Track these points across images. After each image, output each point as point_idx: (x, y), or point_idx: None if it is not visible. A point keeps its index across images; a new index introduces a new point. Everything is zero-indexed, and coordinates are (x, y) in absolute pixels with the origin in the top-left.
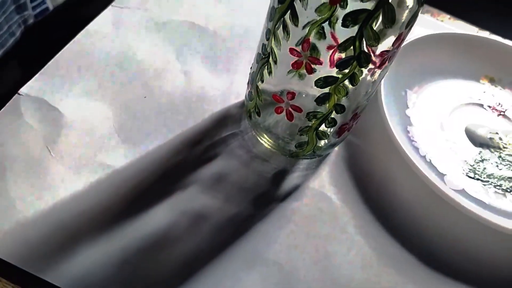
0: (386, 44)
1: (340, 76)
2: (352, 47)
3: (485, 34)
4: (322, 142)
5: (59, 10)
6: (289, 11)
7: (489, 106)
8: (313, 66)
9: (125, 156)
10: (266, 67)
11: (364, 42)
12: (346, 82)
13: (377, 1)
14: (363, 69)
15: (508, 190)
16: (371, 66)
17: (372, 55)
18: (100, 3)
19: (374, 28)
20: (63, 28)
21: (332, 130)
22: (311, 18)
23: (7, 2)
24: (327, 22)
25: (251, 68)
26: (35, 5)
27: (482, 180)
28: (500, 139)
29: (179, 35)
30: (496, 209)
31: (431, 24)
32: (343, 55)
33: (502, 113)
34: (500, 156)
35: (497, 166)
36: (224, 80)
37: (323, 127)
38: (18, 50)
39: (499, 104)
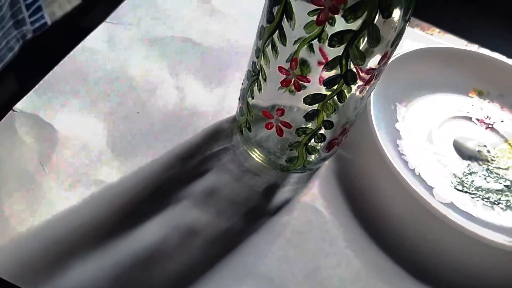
0: (372, 62)
1: (328, 93)
2: (338, 66)
3: (474, 47)
4: (312, 157)
5: (57, 24)
6: (277, 31)
7: (478, 119)
8: (301, 83)
9: (118, 172)
10: (256, 84)
11: (351, 61)
12: (334, 98)
13: (362, 22)
14: (350, 86)
15: (496, 203)
16: (358, 83)
17: (359, 73)
18: (98, 16)
19: (360, 48)
20: (62, 42)
21: (321, 145)
22: (298, 37)
23: (6, 18)
24: (316, 39)
25: (242, 84)
26: (33, 20)
27: (470, 193)
28: (488, 152)
29: (172, 51)
30: (484, 222)
31: (421, 37)
32: (331, 73)
33: (490, 126)
34: (488, 169)
35: (485, 179)
36: (216, 95)
37: (312, 142)
38: (17, 65)
39: (487, 117)
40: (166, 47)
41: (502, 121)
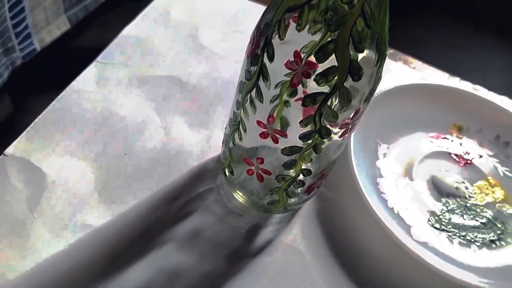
0: (346, 116)
1: (304, 146)
2: (313, 123)
3: (455, 80)
4: (293, 200)
5: (46, 50)
6: (254, 89)
7: (457, 155)
8: (278, 136)
9: (105, 216)
10: (237, 132)
11: (324, 119)
12: (311, 150)
13: (333, 85)
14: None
15: (472, 241)
16: (333, 136)
17: (333, 128)
18: (86, 40)
19: (332, 107)
20: (52, 68)
21: (301, 189)
22: (274, 96)
23: None
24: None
25: (225, 128)
26: (23, 47)
27: (447, 231)
28: (466, 188)
29: (160, 90)
30: (459, 263)
31: (403, 71)
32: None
33: (468, 162)
34: (466, 206)
35: (463, 216)
36: (202, 134)
37: (292, 187)
38: (8, 90)
39: (466, 153)
40: (154, 87)
41: (480, 157)
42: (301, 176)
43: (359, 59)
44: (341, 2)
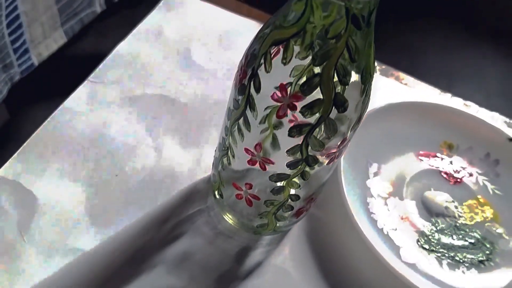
0: (332, 145)
1: (291, 173)
2: (299, 152)
3: (447, 96)
4: (282, 223)
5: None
6: (242, 118)
7: (446, 173)
8: (266, 165)
9: (95, 239)
10: (225, 157)
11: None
12: (299, 176)
13: (319, 116)
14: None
15: (461, 261)
16: (320, 163)
17: (320, 156)
18: (83, 55)
19: (318, 137)
20: (50, 82)
21: (290, 213)
22: (262, 125)
23: None
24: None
25: (215, 151)
26: (21, 62)
27: (436, 252)
28: (456, 207)
29: (151, 109)
30: (448, 285)
31: (395, 87)
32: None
33: (458, 180)
34: (455, 226)
35: (452, 236)
36: (193, 154)
37: (281, 212)
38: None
39: (456, 171)
40: (145, 106)
41: (470, 175)
42: (289, 201)
43: (344, 91)
44: (326, 37)
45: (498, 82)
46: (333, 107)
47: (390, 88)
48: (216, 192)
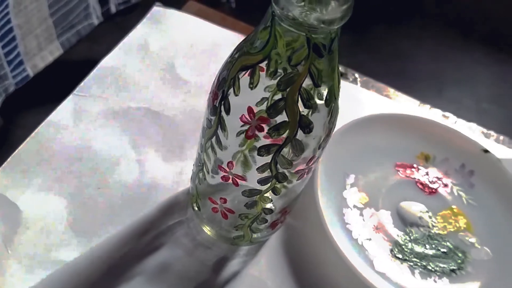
0: (301, 163)
1: (263, 189)
2: (269, 169)
3: (426, 108)
4: (258, 234)
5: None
6: (214, 137)
7: (422, 184)
8: (238, 181)
9: (77, 251)
10: (201, 173)
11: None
12: (270, 192)
13: (286, 137)
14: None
15: (433, 270)
16: (290, 180)
17: (289, 174)
18: (77, 61)
19: (287, 156)
20: (45, 93)
21: (264, 225)
22: (233, 145)
23: None
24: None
25: (193, 165)
26: (15, 74)
27: (409, 261)
28: (430, 217)
29: (135, 123)
30: None
31: (376, 99)
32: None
33: (433, 191)
34: (429, 235)
35: (425, 245)
36: (175, 166)
37: (255, 224)
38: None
39: (432, 182)
40: (130, 120)
41: (445, 186)
42: (263, 214)
43: (310, 114)
44: (289, 65)
45: (489, 86)
46: (299, 129)
47: (371, 100)
48: (194, 205)
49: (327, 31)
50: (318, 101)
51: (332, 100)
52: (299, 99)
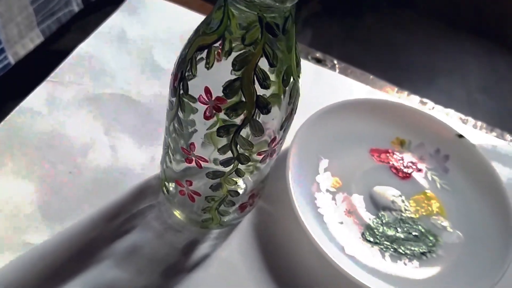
0: (263, 145)
1: (226, 171)
2: (230, 151)
3: (403, 94)
4: (226, 217)
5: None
6: (175, 118)
7: (396, 169)
8: (202, 163)
9: (47, 234)
10: (167, 156)
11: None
12: (234, 173)
13: (244, 118)
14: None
15: (403, 253)
16: (253, 162)
17: (252, 155)
18: (59, 52)
19: (246, 137)
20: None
21: (233, 208)
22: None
23: None
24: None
25: (163, 149)
26: None
27: (380, 244)
28: (403, 201)
29: (110, 109)
30: (389, 276)
31: (353, 85)
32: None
33: (407, 175)
34: (401, 219)
35: (396, 229)
36: (148, 152)
37: (223, 207)
38: None
39: (406, 166)
40: (104, 106)
41: (419, 171)
42: (229, 197)
43: (267, 94)
44: (244, 45)
45: (479, 77)
46: (257, 109)
47: (348, 86)
48: (164, 188)
49: (280, 10)
50: (276, 82)
51: (288, 81)
52: (255, 79)
